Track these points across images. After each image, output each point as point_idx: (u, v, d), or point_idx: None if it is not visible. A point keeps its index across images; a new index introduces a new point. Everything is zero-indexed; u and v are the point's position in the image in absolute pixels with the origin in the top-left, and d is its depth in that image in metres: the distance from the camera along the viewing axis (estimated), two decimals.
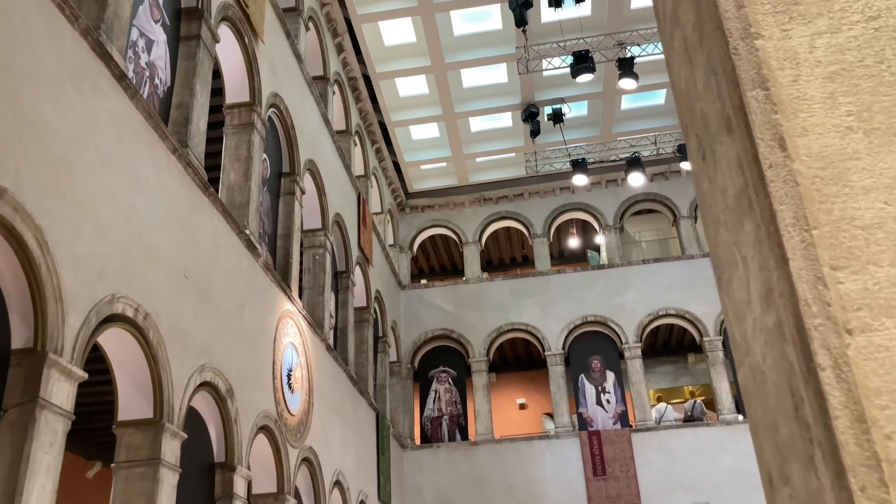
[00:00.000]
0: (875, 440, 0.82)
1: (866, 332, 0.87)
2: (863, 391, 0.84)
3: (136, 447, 7.22)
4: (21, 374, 5.61)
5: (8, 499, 5.23)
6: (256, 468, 10.21)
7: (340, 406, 14.15)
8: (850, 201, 0.94)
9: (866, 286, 0.89)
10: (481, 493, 18.85)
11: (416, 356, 20.92)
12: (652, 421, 19.06)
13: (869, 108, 0.99)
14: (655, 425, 18.86)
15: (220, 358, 8.98)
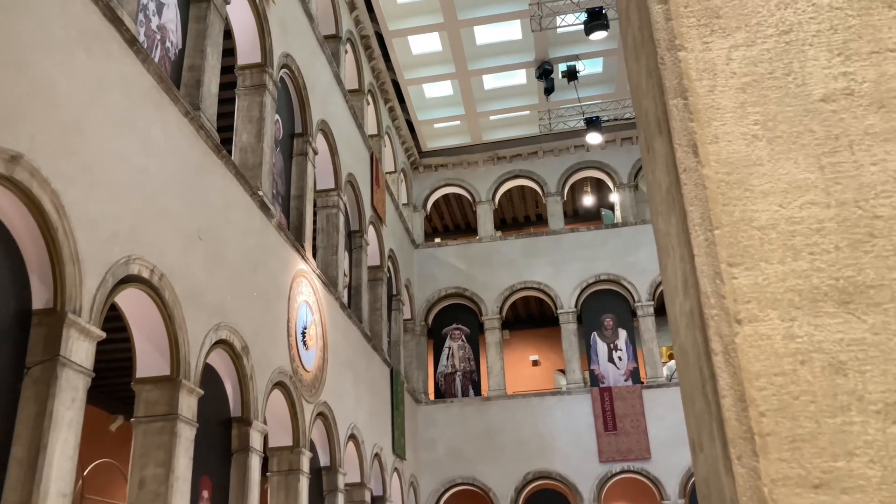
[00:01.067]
0: (751, 417, 0.94)
1: (753, 322, 0.98)
2: (745, 374, 0.96)
3: (154, 403, 7.49)
4: (42, 333, 5.84)
5: (33, 451, 5.50)
6: (272, 422, 10.53)
7: (355, 362, 14.45)
8: (749, 204, 1.04)
9: (756, 281, 1.00)
10: (493, 447, 19.25)
11: (430, 314, 21.19)
12: (663, 378, 19.29)
13: (774, 118, 1.09)
14: (667, 382, 19.08)
15: (235, 316, 9.21)
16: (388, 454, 16.33)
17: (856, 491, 0.89)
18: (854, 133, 1.05)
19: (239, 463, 9.14)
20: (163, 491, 7.13)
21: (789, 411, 0.93)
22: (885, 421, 0.91)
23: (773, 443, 0.92)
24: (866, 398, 0.92)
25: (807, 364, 0.95)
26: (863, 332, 0.95)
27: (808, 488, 0.90)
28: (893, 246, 0.98)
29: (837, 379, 0.94)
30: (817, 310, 0.97)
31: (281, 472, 10.77)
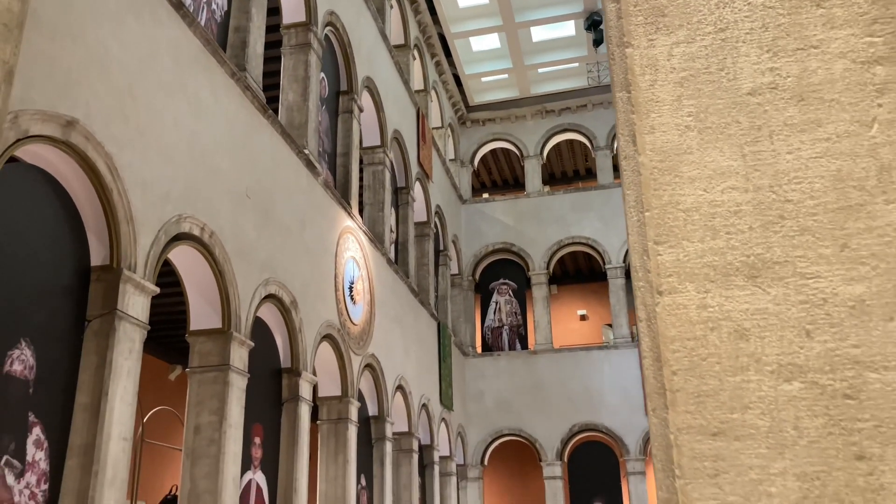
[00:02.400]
0: (665, 375, 1.09)
1: (672, 293, 1.12)
2: (662, 338, 1.11)
3: (207, 354, 7.90)
4: (100, 288, 6.23)
5: (96, 398, 5.92)
6: (321, 373, 10.95)
7: (402, 316, 14.79)
8: (677, 189, 1.17)
9: (678, 257, 1.14)
10: (541, 399, 19.56)
11: (477, 269, 21.41)
12: None
13: (705, 110, 1.20)
14: None
15: (284, 272, 9.55)
16: (436, 405, 16.75)
17: (747, 438, 1.03)
18: (775, 124, 1.17)
19: (289, 411, 9.58)
20: (217, 437, 7.57)
21: (697, 371, 1.08)
22: (777, 380, 1.05)
23: (682, 397, 1.07)
24: (763, 360, 1.06)
25: (715, 330, 1.09)
26: (766, 302, 1.09)
27: (708, 436, 1.05)
28: (800, 227, 1.11)
29: (740, 343, 1.08)
30: (729, 283, 1.11)
31: (330, 420, 11.22)
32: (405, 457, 14.47)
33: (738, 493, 1.02)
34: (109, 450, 5.85)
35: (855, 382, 1.03)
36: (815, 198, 1.12)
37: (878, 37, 1.17)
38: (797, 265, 1.09)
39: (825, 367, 1.04)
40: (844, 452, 1.00)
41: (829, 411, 1.02)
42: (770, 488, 1.01)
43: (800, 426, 1.02)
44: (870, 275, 1.06)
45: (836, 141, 1.14)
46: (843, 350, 1.04)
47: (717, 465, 1.03)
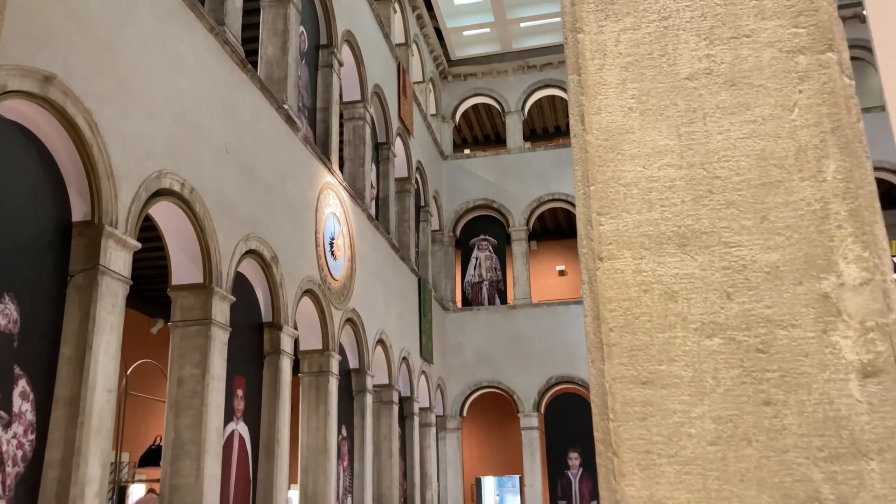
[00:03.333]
0: (602, 331, 1.23)
1: (611, 259, 1.26)
2: (601, 299, 1.25)
3: (189, 308, 8.02)
4: (82, 244, 6.29)
5: (80, 351, 6.03)
6: (303, 327, 11.11)
7: (382, 272, 14.94)
8: (619, 165, 1.30)
9: (618, 227, 1.27)
10: (519, 353, 19.92)
11: (458, 225, 21.55)
12: None
13: (647, 93, 1.32)
14: None
15: (264, 228, 9.63)
16: (416, 358, 17.03)
17: (672, 387, 1.18)
18: (708, 107, 1.29)
19: (271, 364, 9.75)
20: (199, 389, 7.73)
21: (631, 328, 1.22)
22: (700, 336, 1.19)
23: (617, 351, 1.22)
24: (688, 319, 1.21)
25: (648, 292, 1.23)
26: (693, 268, 1.22)
27: (638, 384, 1.19)
28: (726, 201, 1.24)
29: (669, 304, 1.22)
30: (661, 251, 1.24)
31: (311, 373, 11.42)
32: (385, 408, 14.77)
33: (662, 433, 1.17)
34: (94, 401, 5.99)
35: (766, 339, 1.17)
36: (741, 174, 1.25)
37: (802, 28, 1.29)
38: (722, 235, 1.23)
39: (742, 325, 1.19)
40: (754, 399, 1.15)
41: (743, 364, 1.17)
42: (690, 430, 1.16)
43: (717, 376, 1.17)
44: (784, 244, 1.20)
45: (761, 123, 1.27)
46: (758, 310, 1.19)
47: (646, 410, 1.18)
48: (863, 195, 1.20)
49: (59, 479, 5.71)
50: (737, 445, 1.13)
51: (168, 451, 7.62)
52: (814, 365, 1.15)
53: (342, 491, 12.15)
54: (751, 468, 1.12)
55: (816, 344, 1.16)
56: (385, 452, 14.49)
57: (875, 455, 1.09)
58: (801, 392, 1.14)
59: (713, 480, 1.12)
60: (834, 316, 1.16)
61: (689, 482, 1.13)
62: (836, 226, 1.19)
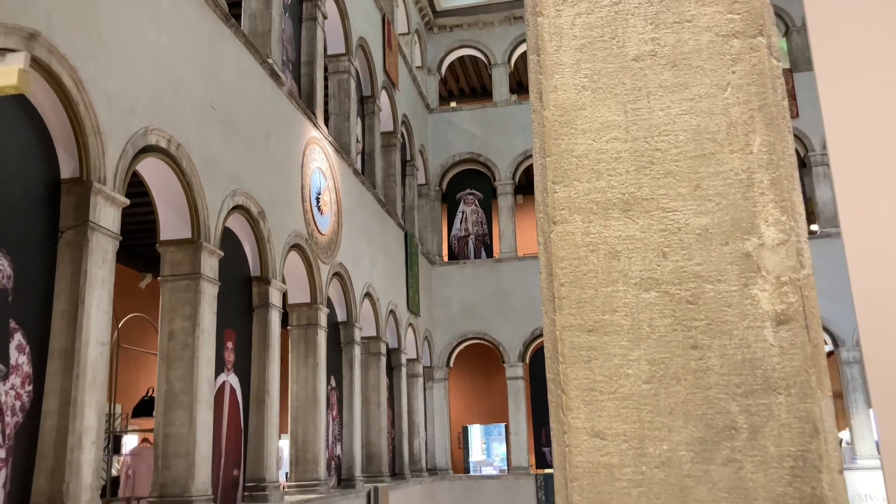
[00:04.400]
0: (554, 286, 1.40)
1: (563, 223, 1.42)
2: (554, 258, 1.41)
3: (178, 263, 8.16)
4: (72, 201, 6.39)
5: (73, 306, 6.18)
6: (291, 281, 11.28)
7: (369, 226, 15.08)
8: (572, 139, 1.45)
9: (569, 195, 1.43)
10: (504, 305, 20.23)
11: (444, 179, 21.63)
12: None
13: (599, 73, 1.47)
14: None
15: (251, 183, 9.72)
16: (403, 311, 17.29)
17: (613, 334, 1.36)
18: (652, 86, 1.44)
19: (260, 317, 9.94)
20: (190, 342, 7.92)
21: (579, 283, 1.39)
22: (639, 290, 1.37)
23: (566, 303, 1.39)
24: (629, 275, 1.38)
25: (595, 252, 1.40)
26: (634, 230, 1.39)
27: (584, 332, 1.37)
28: (664, 171, 1.40)
29: (613, 262, 1.39)
30: (607, 215, 1.41)
31: (300, 325, 11.64)
32: (373, 359, 15.07)
33: (604, 374, 1.35)
34: (88, 354, 6.17)
35: (696, 292, 1.35)
36: (678, 147, 1.41)
37: (736, 14, 1.43)
38: (660, 201, 1.39)
39: (675, 280, 1.36)
40: (683, 344, 1.33)
41: (675, 314, 1.35)
42: (628, 370, 1.34)
43: (653, 325, 1.35)
44: (714, 209, 1.37)
45: (698, 101, 1.42)
46: (689, 267, 1.36)
47: (590, 354, 1.36)
48: (783, 166, 1.36)
49: (57, 429, 5.92)
50: (668, 384, 1.32)
51: (161, 402, 7.83)
52: (735, 314, 1.33)
53: (332, 439, 12.49)
54: (679, 402, 1.30)
55: (738, 296, 1.33)
56: (373, 402, 14.83)
57: (783, 390, 1.28)
58: (724, 338, 1.32)
59: (646, 413, 1.31)
60: (754, 272, 1.33)
61: (626, 415, 1.32)
62: (760, 193, 1.36)
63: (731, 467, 1.25)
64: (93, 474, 6.10)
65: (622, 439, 1.30)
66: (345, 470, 13.01)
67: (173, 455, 7.64)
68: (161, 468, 7.63)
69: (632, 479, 1.28)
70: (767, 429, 1.26)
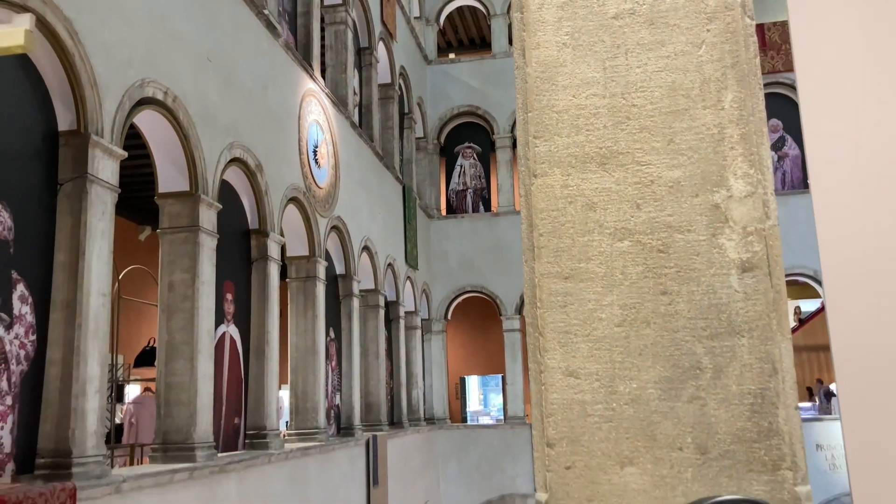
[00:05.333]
0: (534, 236, 1.48)
1: (543, 176, 1.49)
2: (534, 209, 1.49)
3: (176, 216, 8.22)
4: (70, 153, 6.43)
5: (73, 257, 6.27)
6: (289, 234, 11.36)
7: (366, 179, 15.09)
8: (553, 94, 1.51)
9: (550, 149, 1.50)
10: (502, 259, 20.35)
11: (443, 132, 21.55)
12: None
13: (579, 30, 1.52)
14: None
15: (248, 136, 9.72)
16: (401, 265, 17.41)
17: (588, 281, 1.44)
18: (630, 43, 1.50)
19: (259, 270, 10.05)
20: (190, 293, 8.03)
21: (557, 233, 1.47)
22: (613, 239, 1.45)
23: (545, 252, 1.47)
24: (604, 225, 1.45)
25: (572, 203, 1.47)
26: (610, 183, 1.46)
27: (561, 279, 1.45)
28: (640, 126, 1.47)
29: (589, 213, 1.46)
30: (585, 168, 1.48)
31: (299, 278, 11.76)
32: (372, 312, 15.24)
33: (579, 318, 1.44)
34: (90, 305, 6.27)
35: (667, 241, 1.43)
36: (654, 103, 1.47)
37: None
38: (635, 155, 1.46)
39: (647, 230, 1.44)
40: (654, 290, 1.42)
41: (647, 262, 1.43)
42: (601, 315, 1.43)
43: (625, 272, 1.43)
44: (686, 163, 1.44)
45: (673, 58, 1.48)
46: (661, 218, 1.44)
47: (566, 299, 1.45)
48: (753, 121, 1.43)
49: (61, 377, 6.06)
50: (638, 327, 1.40)
51: (162, 352, 7.98)
52: (703, 262, 1.41)
53: (331, 389, 12.72)
54: (648, 344, 1.39)
55: (706, 245, 1.41)
56: (372, 353, 15.04)
57: (745, 333, 1.37)
58: (692, 284, 1.40)
59: (618, 354, 1.40)
60: (722, 222, 1.41)
61: (599, 355, 1.41)
62: (730, 147, 1.43)
63: (696, 404, 1.35)
64: (97, 421, 6.26)
65: (594, 378, 1.39)
66: (344, 419, 13.27)
67: (175, 403, 7.82)
68: (163, 416, 7.81)
69: (603, 414, 1.37)
70: (730, 369, 1.36)
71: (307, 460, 10.64)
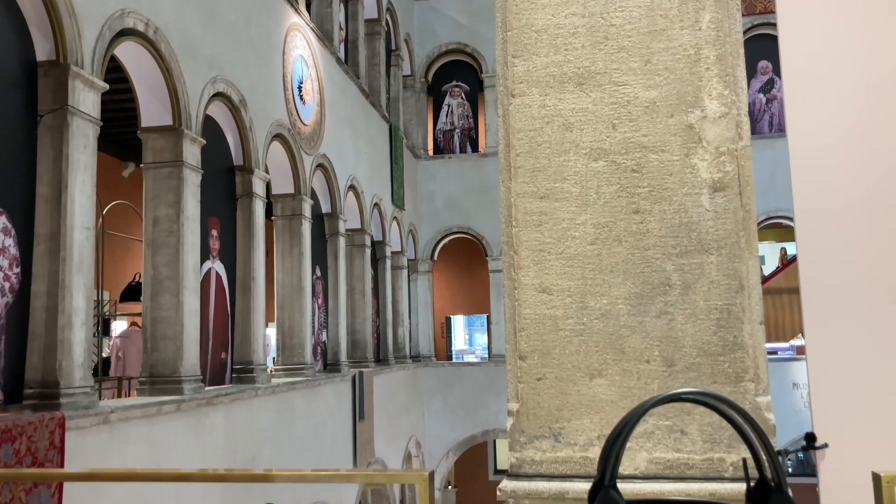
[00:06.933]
0: (511, 156, 1.50)
1: (521, 96, 1.50)
2: (511, 129, 1.50)
3: (160, 150, 8.14)
4: (49, 84, 6.32)
5: (56, 190, 6.22)
6: (274, 172, 11.29)
7: (353, 117, 14.94)
8: (532, 13, 1.51)
9: (528, 68, 1.50)
10: (489, 199, 20.33)
11: (430, 70, 21.26)
12: None
13: None
14: None
15: (231, 70, 9.57)
16: (388, 205, 17.38)
17: (563, 200, 1.47)
18: None
19: (244, 207, 10.02)
20: (175, 228, 8.01)
21: (534, 153, 1.49)
22: (588, 159, 1.46)
23: (522, 172, 1.49)
24: (580, 145, 1.47)
25: (550, 124, 1.49)
26: (587, 103, 1.47)
27: (536, 199, 1.48)
28: (618, 46, 1.47)
29: (566, 133, 1.48)
30: (563, 89, 1.48)
31: (284, 216, 11.74)
32: (358, 251, 15.28)
33: (553, 236, 1.46)
34: (74, 238, 6.26)
35: (641, 161, 1.45)
36: (632, 23, 1.48)
37: None
38: (612, 76, 1.47)
39: (622, 150, 1.46)
40: (626, 209, 1.44)
41: (621, 181, 1.45)
42: (574, 233, 1.46)
43: (599, 191, 1.46)
44: (662, 83, 1.45)
45: None
46: (636, 138, 1.46)
47: (541, 218, 1.47)
48: (730, 42, 1.44)
49: (47, 310, 6.08)
50: (610, 245, 1.44)
51: (148, 287, 8.00)
52: (676, 182, 1.43)
53: (317, 326, 12.84)
54: (619, 262, 1.43)
55: (679, 165, 1.43)
56: (358, 292, 15.14)
57: (714, 251, 1.40)
58: (664, 203, 1.43)
59: (590, 271, 1.44)
60: (696, 143, 1.43)
61: (571, 272, 1.44)
62: (706, 68, 1.44)
63: (664, 319, 1.39)
64: (84, 353, 6.32)
65: (566, 294, 1.43)
66: (330, 355, 13.43)
67: (161, 338, 7.88)
68: (150, 350, 7.88)
69: (574, 328, 1.41)
70: (698, 285, 1.40)
71: (294, 395, 10.81)
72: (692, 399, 0.85)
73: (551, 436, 1.39)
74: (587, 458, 1.39)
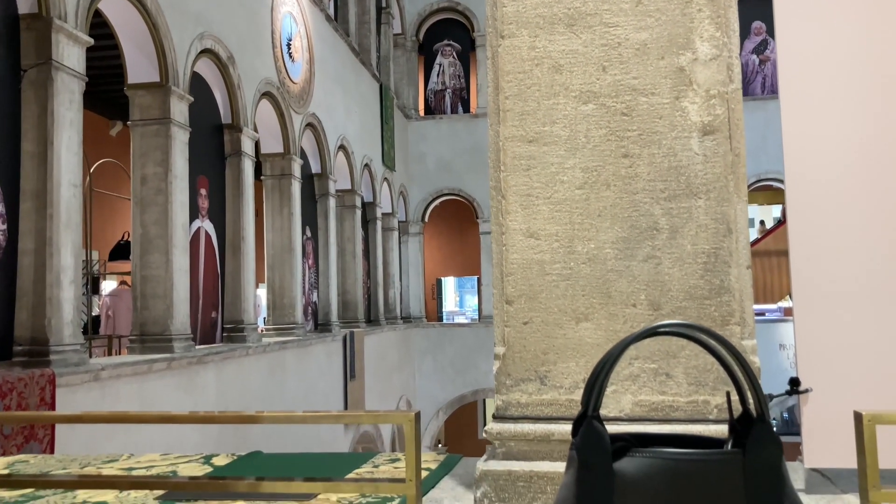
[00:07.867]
0: (500, 99, 1.48)
1: (510, 37, 1.47)
2: (500, 72, 1.48)
3: (147, 108, 8.03)
4: (32, 37, 6.20)
5: (41, 147, 6.15)
6: (263, 131, 11.18)
7: (342, 76, 14.76)
8: None
9: (517, 9, 1.47)
10: (480, 161, 20.23)
11: (421, 28, 20.98)
12: None
13: None
14: None
15: (219, 26, 9.41)
16: (378, 165, 17.28)
17: (551, 144, 1.45)
18: None
19: (233, 166, 9.94)
20: (163, 187, 7.95)
21: (523, 96, 1.47)
22: (578, 102, 1.45)
23: (510, 116, 1.47)
24: (570, 88, 1.45)
25: (539, 66, 1.46)
26: (577, 45, 1.45)
27: (525, 143, 1.46)
28: None
29: (556, 76, 1.46)
30: (553, 30, 1.46)
31: (274, 176, 11.66)
32: (348, 212, 15.22)
33: (541, 180, 1.45)
34: (61, 195, 6.20)
35: (631, 104, 1.43)
36: None
37: None
38: (603, 17, 1.45)
39: (612, 93, 1.44)
40: (615, 153, 1.43)
41: (610, 125, 1.44)
42: (563, 178, 1.44)
43: (589, 135, 1.44)
44: (653, 25, 1.43)
45: None
46: (626, 81, 1.44)
47: (530, 163, 1.46)
48: None
49: (35, 267, 6.05)
50: (598, 189, 1.43)
51: (137, 246, 7.96)
52: (665, 125, 1.42)
53: (308, 287, 12.84)
54: (608, 206, 1.42)
55: (669, 108, 1.42)
56: (349, 253, 15.13)
57: (703, 195, 1.39)
58: (653, 147, 1.42)
59: (578, 216, 1.43)
60: (686, 85, 1.41)
61: (559, 217, 1.43)
62: (697, 9, 1.41)
63: (651, 263, 1.39)
64: (73, 311, 6.30)
65: (554, 239, 1.42)
66: (321, 316, 13.47)
67: (151, 296, 7.86)
68: (140, 308, 7.87)
69: (561, 273, 1.41)
70: (686, 229, 1.39)
71: (285, 354, 10.85)
72: (671, 332, 0.85)
73: (537, 379, 1.40)
74: (572, 401, 1.40)
